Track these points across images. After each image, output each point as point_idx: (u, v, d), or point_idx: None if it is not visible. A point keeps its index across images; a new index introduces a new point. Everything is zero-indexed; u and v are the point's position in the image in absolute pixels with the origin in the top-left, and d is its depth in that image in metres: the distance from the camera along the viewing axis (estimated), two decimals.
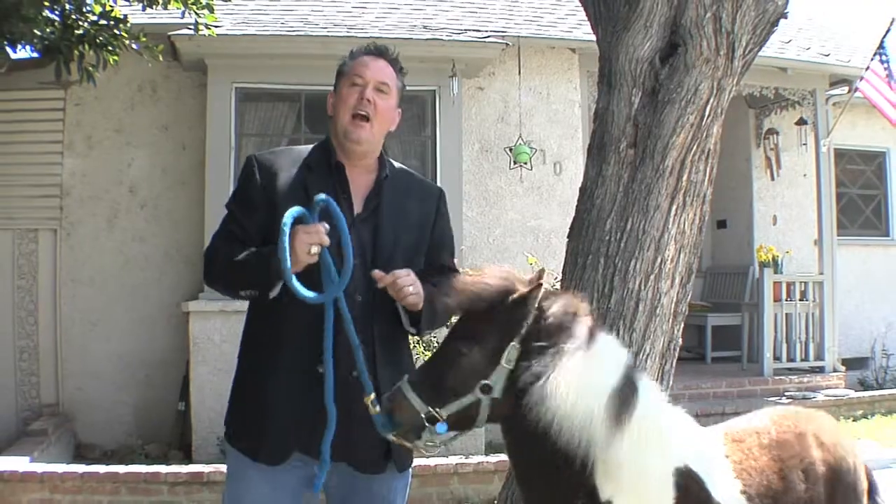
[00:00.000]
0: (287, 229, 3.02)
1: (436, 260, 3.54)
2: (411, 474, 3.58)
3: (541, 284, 2.94)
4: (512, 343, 2.88)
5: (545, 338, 2.88)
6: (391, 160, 3.57)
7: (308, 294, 3.05)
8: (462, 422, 2.94)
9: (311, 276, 3.08)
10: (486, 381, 2.87)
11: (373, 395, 3.07)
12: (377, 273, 3.21)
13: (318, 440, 3.11)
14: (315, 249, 3.05)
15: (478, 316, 2.94)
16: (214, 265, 3.47)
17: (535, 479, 3.01)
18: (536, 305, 2.91)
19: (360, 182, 3.43)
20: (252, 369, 3.39)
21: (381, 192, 3.43)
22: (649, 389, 3.07)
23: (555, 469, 2.91)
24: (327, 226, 3.08)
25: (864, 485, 3.72)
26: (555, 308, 2.94)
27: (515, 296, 2.93)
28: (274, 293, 3.20)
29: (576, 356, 2.86)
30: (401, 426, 2.91)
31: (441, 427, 2.89)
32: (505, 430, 3.02)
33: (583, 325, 2.96)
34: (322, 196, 3.11)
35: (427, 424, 2.87)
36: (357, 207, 3.38)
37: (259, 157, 3.48)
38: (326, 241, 3.07)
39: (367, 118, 3.34)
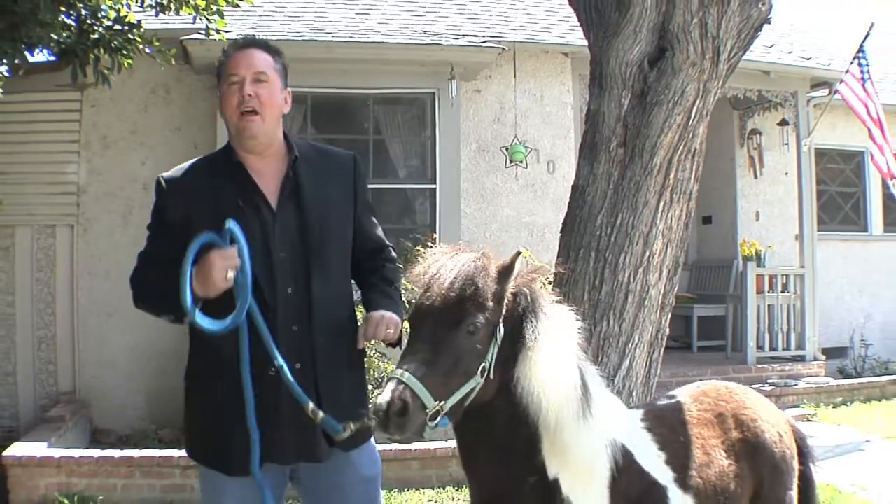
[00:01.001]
0: (188, 266, 2.95)
1: (366, 238, 3.46)
2: (376, 450, 3.45)
3: (514, 264, 2.90)
4: (500, 321, 2.86)
5: (525, 315, 2.91)
6: (297, 141, 3.44)
7: (211, 327, 2.99)
8: (455, 413, 2.79)
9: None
10: (484, 363, 2.81)
11: (311, 405, 2.98)
12: (360, 344, 3.19)
13: (272, 447, 3.07)
14: (231, 274, 2.97)
15: (472, 299, 2.81)
16: (138, 289, 3.41)
17: (488, 463, 2.99)
18: (513, 284, 2.90)
19: (272, 171, 3.32)
20: (199, 384, 3.32)
21: (296, 174, 3.31)
22: (591, 373, 3.12)
23: (508, 452, 2.93)
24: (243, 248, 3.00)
25: (792, 452, 3.74)
26: (528, 286, 2.96)
27: (504, 274, 2.89)
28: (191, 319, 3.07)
29: (551, 336, 2.90)
30: (404, 429, 2.66)
31: (444, 422, 2.75)
32: (473, 417, 2.88)
33: (551, 302, 3.01)
34: (231, 222, 2.99)
35: (429, 422, 2.69)
36: (272, 199, 3.26)
37: (165, 177, 3.35)
38: (237, 264, 2.98)
39: (254, 111, 3.23)
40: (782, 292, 12.28)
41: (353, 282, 3.50)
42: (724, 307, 13.22)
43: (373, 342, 3.31)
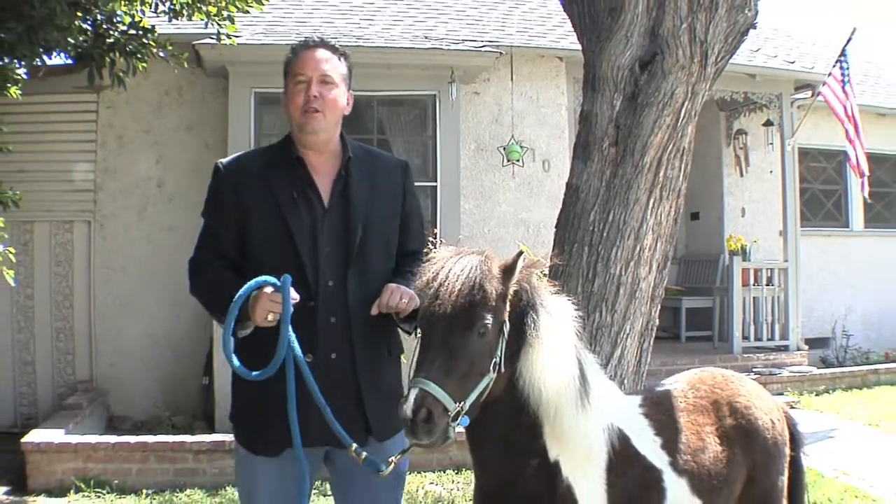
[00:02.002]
0: (235, 308, 2.99)
1: (408, 240, 3.46)
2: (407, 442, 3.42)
3: (517, 263, 2.87)
4: (506, 317, 2.85)
5: (527, 310, 2.90)
6: (351, 142, 3.42)
7: (245, 375, 3.05)
8: (473, 409, 2.78)
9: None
10: (495, 359, 2.81)
11: (354, 446, 3.01)
12: (373, 311, 3.16)
13: (307, 434, 3.07)
14: (271, 317, 2.99)
15: (481, 302, 2.78)
16: (196, 280, 3.43)
17: (493, 449, 3.00)
18: (515, 281, 2.89)
19: (326, 170, 3.32)
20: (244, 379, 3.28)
21: (348, 174, 3.31)
22: (589, 360, 3.13)
23: (512, 438, 2.94)
24: (296, 296, 3.01)
25: (784, 438, 3.76)
26: (528, 281, 2.95)
27: (507, 273, 2.87)
28: (245, 332, 3.14)
29: (551, 331, 2.91)
30: (432, 434, 2.67)
31: (465, 421, 2.75)
32: (479, 408, 2.85)
33: (550, 294, 3.01)
34: (288, 278, 2.99)
35: (451, 423, 2.69)
36: (325, 195, 3.28)
37: (223, 163, 3.38)
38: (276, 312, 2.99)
39: (318, 110, 3.23)
40: (767, 285, 12.31)
41: None
42: (712, 299, 13.24)
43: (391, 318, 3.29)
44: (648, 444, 3.28)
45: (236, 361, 3.05)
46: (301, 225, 3.20)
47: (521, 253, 2.89)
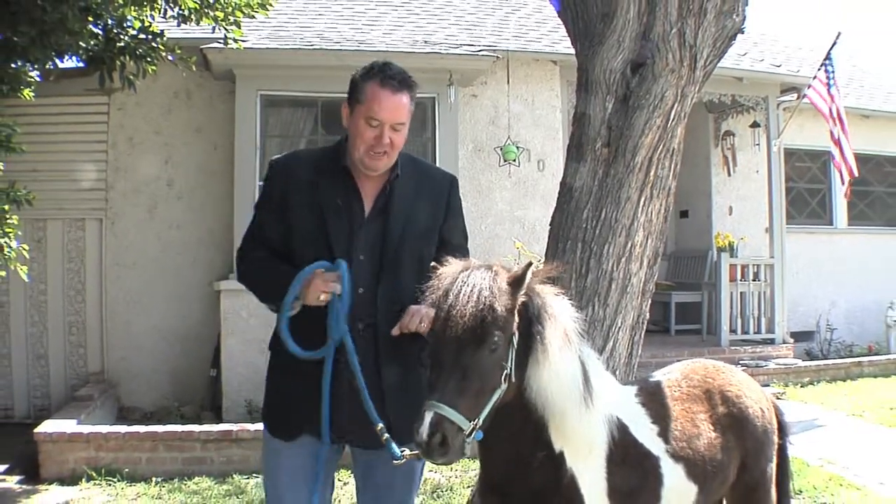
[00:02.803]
0: (297, 284, 3.07)
1: (447, 251, 3.33)
2: None
3: (525, 276, 2.84)
4: (515, 328, 2.81)
5: (534, 319, 2.88)
6: (402, 156, 3.39)
7: (299, 353, 3.12)
8: (487, 421, 2.75)
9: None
10: (506, 371, 2.78)
11: (380, 425, 3.02)
12: (395, 332, 3.16)
13: (337, 428, 3.13)
14: (324, 297, 3.04)
15: (492, 321, 2.73)
16: (243, 267, 3.43)
17: (502, 447, 2.98)
18: (523, 292, 2.86)
19: (373, 183, 3.32)
20: (277, 363, 3.36)
21: (391, 192, 3.31)
22: (590, 357, 3.13)
23: (520, 435, 2.94)
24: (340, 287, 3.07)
25: (773, 426, 3.79)
26: (534, 291, 2.93)
27: (515, 286, 2.83)
28: (291, 313, 3.17)
29: (556, 341, 2.90)
30: (447, 455, 2.63)
31: (479, 435, 2.72)
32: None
33: (555, 301, 2.98)
34: (343, 263, 3.08)
35: (467, 440, 2.65)
36: (367, 206, 3.30)
37: (277, 159, 3.44)
38: (337, 290, 3.07)
39: (385, 153, 3.23)
40: (753, 281, 12.32)
41: None
42: (700, 294, 13.24)
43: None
44: (646, 433, 3.30)
45: (291, 343, 3.11)
46: (339, 229, 3.23)
47: (529, 264, 2.86)
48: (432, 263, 2.94)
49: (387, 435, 3.01)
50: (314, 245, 3.21)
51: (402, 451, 3.00)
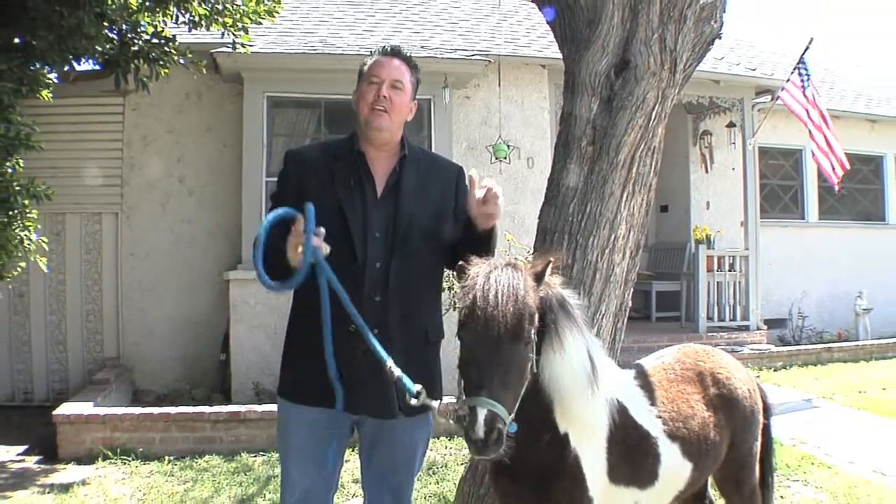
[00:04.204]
0: (262, 231, 2.97)
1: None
2: (431, 422, 3.43)
3: (544, 273, 2.85)
4: (536, 320, 2.80)
5: (548, 310, 2.88)
6: (411, 145, 3.44)
7: (270, 285, 2.98)
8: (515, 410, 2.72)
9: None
10: (531, 361, 2.78)
11: (390, 362, 2.92)
12: (472, 178, 3.07)
13: (344, 393, 3.09)
14: (301, 249, 2.93)
15: (526, 317, 2.72)
16: (256, 252, 3.40)
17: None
18: (542, 287, 2.87)
19: (384, 165, 3.34)
20: (294, 337, 3.34)
21: (401, 171, 3.32)
22: (595, 344, 3.12)
23: (530, 420, 2.90)
24: (322, 230, 2.97)
25: (758, 407, 3.84)
26: (549, 285, 2.92)
27: (538, 281, 2.84)
28: (297, 280, 3.04)
29: (568, 333, 2.90)
30: (499, 448, 2.60)
31: (513, 427, 2.67)
32: None
33: (564, 293, 2.99)
34: (309, 205, 2.95)
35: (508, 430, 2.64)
36: (379, 187, 3.30)
37: (292, 151, 3.45)
38: (299, 243, 2.95)
39: (384, 110, 3.27)
40: (729, 271, 12.33)
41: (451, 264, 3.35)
42: (679, 283, 13.25)
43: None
44: (645, 414, 3.31)
45: (262, 275, 2.98)
46: (354, 208, 3.22)
47: (549, 262, 2.87)
48: (460, 263, 2.90)
49: (398, 372, 2.92)
50: (333, 225, 3.16)
51: (416, 390, 2.90)
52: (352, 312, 2.98)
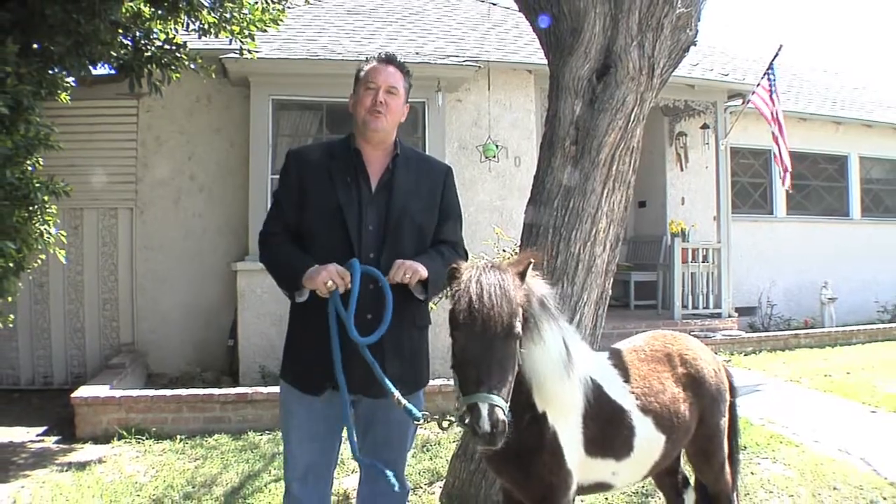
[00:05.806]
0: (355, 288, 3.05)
1: (442, 233, 3.44)
2: (423, 400, 3.49)
3: (526, 272, 2.87)
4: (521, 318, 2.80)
5: (530, 309, 2.89)
6: (404, 145, 3.48)
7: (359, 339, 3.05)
8: None
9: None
10: (517, 355, 2.79)
11: (397, 394, 3.00)
12: (390, 280, 3.15)
13: (346, 380, 3.10)
14: (330, 284, 3.05)
15: (515, 314, 2.73)
16: (265, 251, 3.40)
17: None
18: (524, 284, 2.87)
19: (378, 163, 3.37)
20: (297, 326, 3.36)
21: (394, 168, 3.36)
22: (569, 331, 3.13)
23: (514, 402, 2.89)
24: (348, 281, 3.06)
25: (725, 385, 3.86)
26: (532, 287, 2.93)
27: (521, 279, 2.84)
28: (300, 299, 3.21)
29: (545, 326, 2.93)
30: (504, 439, 2.61)
31: (508, 416, 2.66)
32: None
33: (541, 287, 2.99)
34: (356, 262, 3.08)
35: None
36: (373, 183, 3.33)
37: (294, 150, 3.47)
38: (338, 284, 3.06)
39: (381, 113, 3.31)
40: (703, 262, 12.36)
41: None
42: (656, 274, 13.28)
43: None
44: (618, 390, 3.35)
45: (354, 330, 3.04)
46: (350, 202, 3.26)
47: (530, 262, 2.89)
48: (452, 266, 2.89)
49: (404, 402, 3.00)
50: (330, 218, 3.24)
51: (421, 413, 3.04)
52: (354, 337, 3.03)
